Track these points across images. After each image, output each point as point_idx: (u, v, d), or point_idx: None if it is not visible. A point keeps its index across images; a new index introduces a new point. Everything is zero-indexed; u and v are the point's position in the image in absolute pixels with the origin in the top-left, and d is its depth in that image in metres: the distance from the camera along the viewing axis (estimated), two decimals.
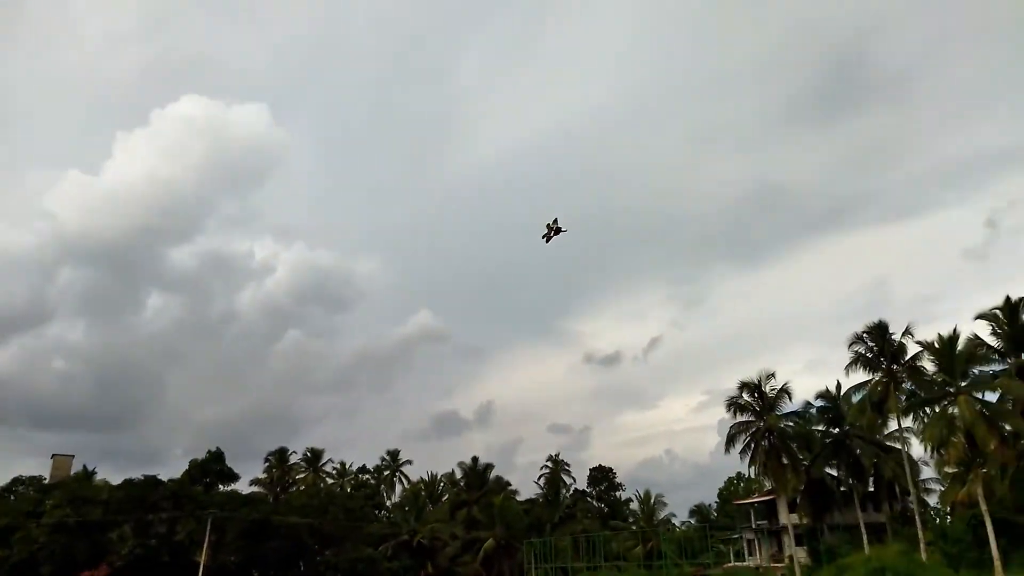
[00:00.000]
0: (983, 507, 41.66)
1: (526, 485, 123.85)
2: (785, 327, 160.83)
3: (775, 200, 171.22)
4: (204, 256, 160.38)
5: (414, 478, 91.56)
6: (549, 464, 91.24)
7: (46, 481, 66.90)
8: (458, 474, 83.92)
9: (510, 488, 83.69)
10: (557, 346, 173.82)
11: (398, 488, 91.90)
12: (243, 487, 72.60)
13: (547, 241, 37.62)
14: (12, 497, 63.81)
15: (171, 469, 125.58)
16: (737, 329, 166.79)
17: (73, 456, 72.25)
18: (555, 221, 37.54)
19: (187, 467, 68.34)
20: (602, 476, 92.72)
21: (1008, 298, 47.18)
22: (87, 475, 65.82)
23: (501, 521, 71.19)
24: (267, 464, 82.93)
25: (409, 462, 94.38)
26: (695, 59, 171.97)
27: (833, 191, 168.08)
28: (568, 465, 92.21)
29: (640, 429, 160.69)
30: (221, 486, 67.72)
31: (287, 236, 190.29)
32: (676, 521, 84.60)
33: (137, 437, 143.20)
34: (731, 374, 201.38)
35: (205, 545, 53.16)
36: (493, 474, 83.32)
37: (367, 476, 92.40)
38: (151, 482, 60.61)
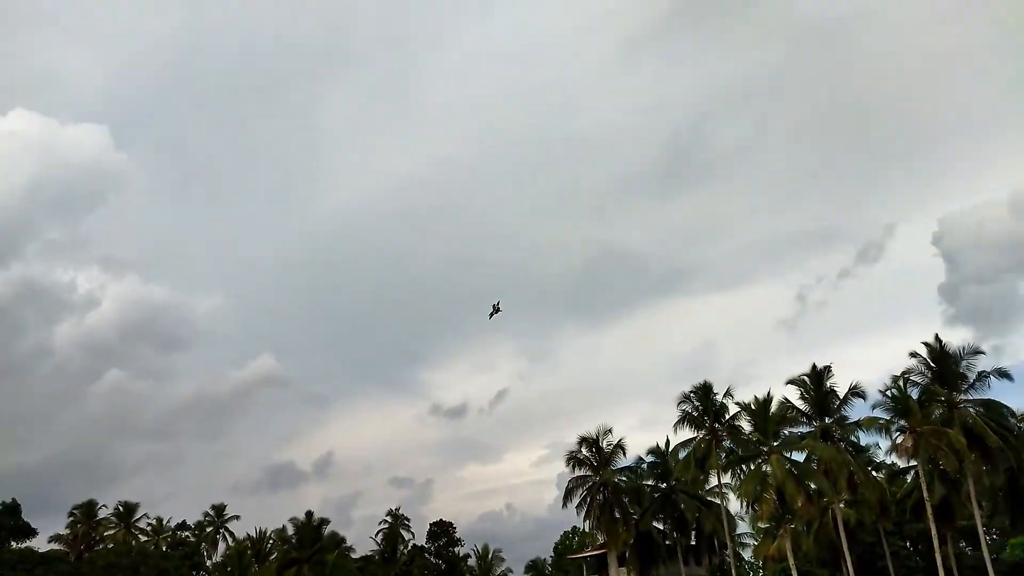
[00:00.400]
0: (791, 561, 45.45)
1: (363, 541, 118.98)
2: (624, 384, 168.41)
3: (617, 264, 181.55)
4: (17, 284, 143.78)
5: (241, 535, 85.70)
6: (388, 519, 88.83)
7: None
8: (290, 530, 79.31)
9: (345, 545, 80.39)
10: (403, 395, 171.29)
11: (221, 546, 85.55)
12: (41, 544, 64.79)
13: (490, 318, 45.49)
14: None
15: None
16: (580, 384, 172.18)
17: None
18: (498, 303, 45.59)
19: None
20: (441, 531, 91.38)
21: (814, 366, 52.58)
22: None
23: None
24: (71, 519, 74.68)
25: (236, 517, 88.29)
26: (550, 128, 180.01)
27: (669, 259, 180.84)
28: (408, 520, 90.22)
29: (482, 483, 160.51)
30: (14, 543, 60.24)
31: (118, 267, 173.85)
32: None
33: None
34: (572, 428, 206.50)
35: None
36: (328, 529, 79.62)
37: (187, 533, 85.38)
38: None
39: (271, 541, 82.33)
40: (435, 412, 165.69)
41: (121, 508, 78.70)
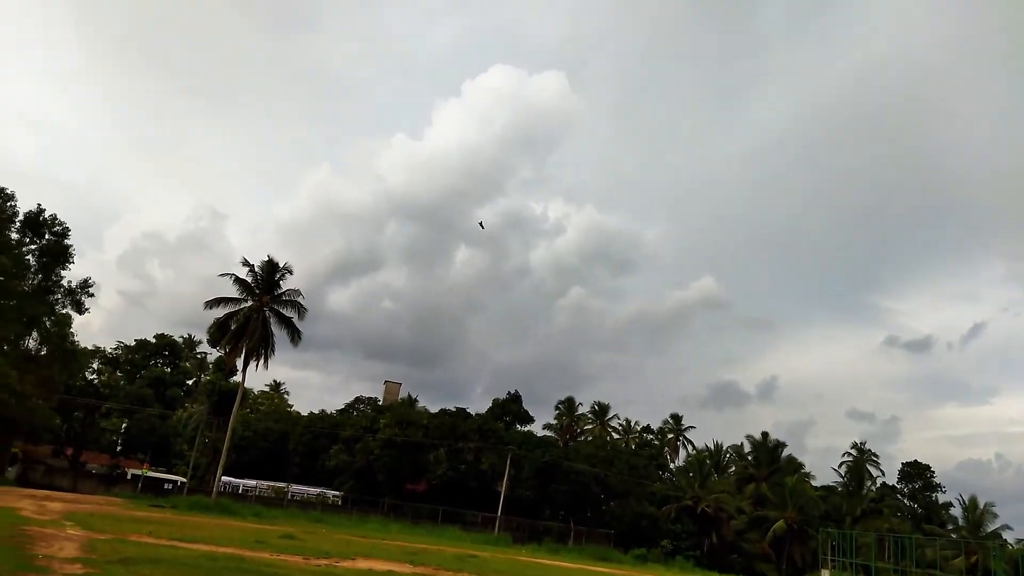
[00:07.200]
0: None
1: (820, 471, 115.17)
2: None
3: None
4: (504, 216, 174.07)
5: (697, 444, 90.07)
6: (852, 452, 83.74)
7: (380, 403, 77.76)
8: (746, 447, 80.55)
9: (804, 471, 78.40)
10: (855, 323, 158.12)
11: (681, 452, 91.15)
12: (536, 429, 77.45)
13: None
14: (355, 413, 75.31)
15: (474, 405, 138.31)
16: None
17: (401, 384, 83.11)
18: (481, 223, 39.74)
19: (490, 404, 74.73)
20: (916, 473, 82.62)
21: None
22: (411, 401, 75.05)
23: (793, 503, 66.93)
24: (557, 412, 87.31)
25: (692, 427, 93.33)
26: None
27: None
28: (876, 456, 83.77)
29: (962, 426, 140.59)
30: (519, 426, 72.98)
31: (578, 198, 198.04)
32: (1010, 537, 72.23)
33: (445, 373, 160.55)
34: None
35: (505, 477, 57.71)
36: (785, 453, 78.65)
37: (651, 436, 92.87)
38: (461, 414, 67.25)
39: (728, 455, 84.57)
40: (891, 343, 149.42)
41: (596, 407, 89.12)
